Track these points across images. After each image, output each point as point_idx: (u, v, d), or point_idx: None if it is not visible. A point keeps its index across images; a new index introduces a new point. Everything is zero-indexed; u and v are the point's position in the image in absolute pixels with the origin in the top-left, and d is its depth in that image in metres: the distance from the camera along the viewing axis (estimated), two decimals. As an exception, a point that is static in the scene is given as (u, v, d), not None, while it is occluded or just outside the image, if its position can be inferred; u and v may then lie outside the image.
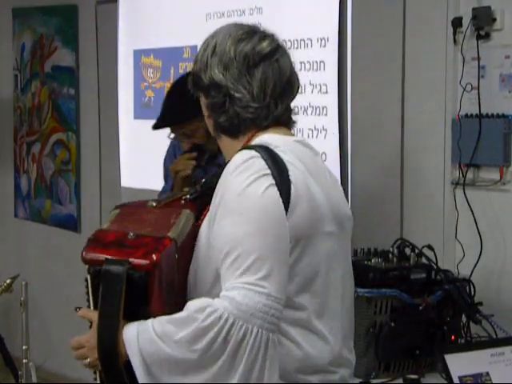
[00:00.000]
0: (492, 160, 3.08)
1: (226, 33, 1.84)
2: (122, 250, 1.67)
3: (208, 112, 1.87)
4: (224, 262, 1.65)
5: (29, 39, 5.49)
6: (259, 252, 1.62)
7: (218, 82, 1.80)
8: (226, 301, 1.59)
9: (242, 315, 1.57)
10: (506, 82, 3.05)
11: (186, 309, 1.63)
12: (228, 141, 1.86)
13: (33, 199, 5.57)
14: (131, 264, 1.64)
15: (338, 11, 3.41)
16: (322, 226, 1.76)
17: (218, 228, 1.69)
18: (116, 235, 1.72)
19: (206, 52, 1.85)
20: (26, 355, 3.30)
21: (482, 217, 3.10)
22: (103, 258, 1.66)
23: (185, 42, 4.21)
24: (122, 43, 4.60)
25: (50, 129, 5.37)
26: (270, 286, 1.61)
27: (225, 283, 1.63)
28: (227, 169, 1.73)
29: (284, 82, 1.83)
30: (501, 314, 2.93)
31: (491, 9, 3.04)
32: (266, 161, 1.70)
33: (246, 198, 1.66)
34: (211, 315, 1.58)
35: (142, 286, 1.64)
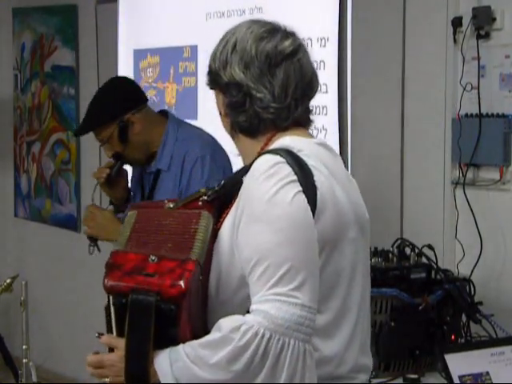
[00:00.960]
0: (492, 160, 3.08)
1: (247, 30, 1.79)
2: (148, 280, 1.57)
3: (226, 110, 1.83)
4: (253, 273, 1.59)
5: (29, 39, 5.49)
6: (291, 262, 1.57)
7: (239, 80, 1.76)
8: (260, 315, 1.54)
9: (278, 329, 1.53)
10: (505, 82, 3.05)
11: (219, 329, 1.57)
12: (246, 140, 1.82)
13: (33, 199, 5.57)
14: (159, 295, 1.55)
15: (338, 11, 3.41)
16: (347, 231, 1.72)
17: (243, 236, 1.64)
18: (136, 259, 1.61)
19: (225, 49, 1.81)
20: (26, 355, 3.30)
21: (481, 217, 3.10)
22: (128, 289, 1.57)
23: (185, 42, 4.21)
24: (121, 43, 4.60)
25: (49, 128, 5.37)
26: (304, 296, 1.56)
27: (255, 295, 1.58)
28: (252, 174, 1.67)
29: (305, 83, 1.78)
30: (501, 314, 2.93)
31: (491, 9, 3.04)
32: (291, 166, 1.64)
33: (274, 205, 1.60)
34: (247, 333, 1.53)
35: (170, 315, 1.56)
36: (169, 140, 2.89)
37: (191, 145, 2.88)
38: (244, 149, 1.84)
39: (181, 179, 2.85)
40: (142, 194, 3.01)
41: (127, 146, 2.88)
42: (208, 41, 4.20)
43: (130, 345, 1.58)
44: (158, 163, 2.90)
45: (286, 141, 1.74)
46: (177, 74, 4.29)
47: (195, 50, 4.16)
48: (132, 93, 2.94)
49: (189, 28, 4.19)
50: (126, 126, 2.84)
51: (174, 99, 4.34)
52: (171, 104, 4.35)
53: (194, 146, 2.88)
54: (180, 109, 4.31)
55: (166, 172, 2.90)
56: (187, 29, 4.20)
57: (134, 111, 2.86)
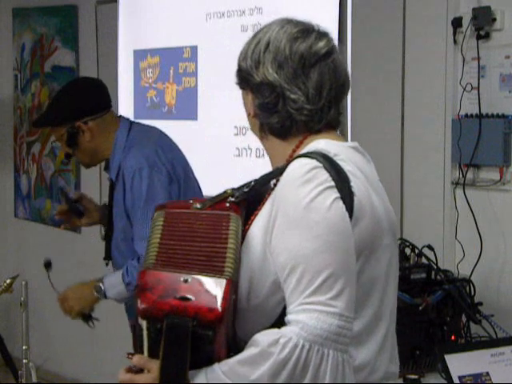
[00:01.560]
0: (492, 160, 3.08)
1: (280, 29, 1.75)
2: (183, 304, 1.51)
3: (256, 111, 1.78)
4: (289, 280, 1.55)
5: (29, 39, 5.49)
6: (330, 269, 1.53)
7: (272, 80, 1.71)
8: (298, 327, 1.50)
9: (317, 340, 1.50)
10: (506, 82, 3.05)
11: (256, 344, 1.52)
12: (276, 142, 1.77)
13: (33, 199, 5.57)
14: (195, 319, 1.50)
15: (337, 11, 3.41)
16: (382, 238, 1.69)
17: (279, 241, 1.59)
18: (167, 279, 1.54)
19: (257, 48, 1.76)
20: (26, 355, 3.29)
21: (482, 217, 3.10)
22: (163, 313, 1.51)
23: (185, 42, 4.22)
24: (121, 43, 4.60)
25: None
26: (342, 305, 1.53)
27: (291, 303, 1.54)
28: (287, 178, 1.62)
29: (339, 85, 1.74)
30: (501, 314, 2.93)
31: (491, 9, 3.04)
32: (329, 172, 1.60)
33: (312, 211, 1.56)
34: (286, 346, 1.49)
35: (207, 338, 1.52)
36: (117, 149, 2.86)
37: (131, 156, 2.81)
38: (273, 150, 1.80)
39: (125, 194, 2.82)
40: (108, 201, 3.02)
41: (76, 150, 2.87)
42: (208, 41, 4.24)
43: (166, 369, 1.53)
44: (110, 172, 2.89)
45: (320, 144, 1.70)
46: (177, 75, 4.29)
47: (195, 50, 4.16)
48: (91, 100, 2.86)
49: (189, 28, 4.19)
50: (76, 132, 2.82)
51: (173, 99, 4.34)
52: (171, 104, 4.35)
53: (132, 158, 2.80)
54: (180, 109, 4.31)
55: (116, 182, 2.88)
56: (187, 29, 4.20)
57: (87, 119, 2.82)
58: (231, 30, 3.93)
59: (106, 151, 2.88)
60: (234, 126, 3.97)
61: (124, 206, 2.83)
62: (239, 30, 3.90)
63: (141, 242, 2.75)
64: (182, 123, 4.28)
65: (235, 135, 3.97)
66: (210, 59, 4.11)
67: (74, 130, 2.82)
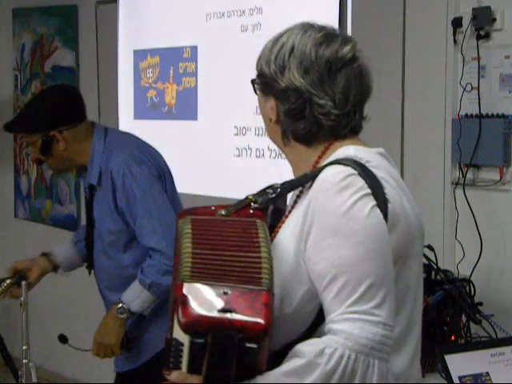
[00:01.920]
0: (492, 160, 3.08)
1: (304, 34, 1.70)
2: (227, 317, 1.47)
3: (280, 117, 1.73)
4: (329, 289, 1.53)
5: (29, 39, 5.49)
6: (372, 278, 1.51)
7: (299, 86, 1.67)
8: (342, 336, 1.48)
9: (362, 349, 1.48)
10: (506, 82, 3.05)
11: (299, 355, 1.50)
12: (301, 149, 1.74)
13: (33, 199, 5.57)
14: (242, 331, 1.46)
15: (337, 11, 3.42)
16: (415, 245, 1.68)
17: (316, 250, 1.56)
18: (207, 292, 1.50)
19: (281, 53, 1.70)
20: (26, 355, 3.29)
21: (482, 217, 3.10)
22: (208, 327, 1.46)
23: (185, 42, 4.22)
24: (121, 43, 4.61)
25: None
26: (384, 314, 1.50)
27: (332, 312, 1.52)
28: (322, 185, 1.59)
29: (364, 89, 1.73)
30: (501, 314, 2.93)
31: (491, 9, 3.04)
32: (364, 179, 1.58)
33: (352, 219, 1.54)
34: (333, 356, 1.47)
35: (251, 352, 1.48)
36: (96, 154, 2.86)
37: (114, 158, 2.83)
38: (296, 157, 1.76)
39: (115, 197, 2.82)
40: (86, 207, 3.01)
41: (49, 158, 2.87)
42: (208, 41, 4.24)
43: (210, 382, 1.48)
44: (88, 178, 2.89)
45: (349, 151, 1.67)
46: (177, 75, 4.29)
47: (195, 50, 4.16)
48: (67, 109, 2.86)
49: (189, 28, 4.19)
50: (51, 141, 2.81)
51: (173, 100, 4.34)
52: (171, 104, 4.35)
53: (117, 159, 2.82)
54: (180, 109, 4.31)
55: (98, 187, 2.88)
56: (187, 29, 4.20)
57: (62, 129, 2.82)
58: (231, 29, 3.94)
59: (79, 159, 2.88)
60: (234, 126, 3.97)
61: (115, 207, 2.83)
62: (239, 30, 3.90)
63: (153, 235, 2.77)
64: (182, 123, 4.29)
65: (235, 135, 3.97)
66: (210, 59, 4.11)
67: (49, 139, 2.81)
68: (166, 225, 2.78)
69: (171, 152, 4.32)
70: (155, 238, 2.77)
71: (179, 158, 4.28)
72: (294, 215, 1.66)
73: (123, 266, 2.91)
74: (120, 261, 2.91)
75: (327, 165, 1.63)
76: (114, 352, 2.89)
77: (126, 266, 2.91)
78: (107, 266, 2.95)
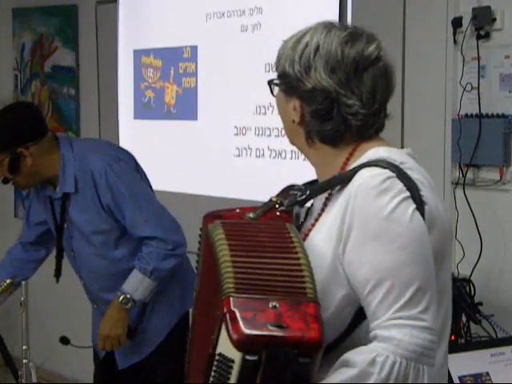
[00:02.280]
0: (492, 160, 3.08)
1: (328, 32, 1.66)
2: (281, 333, 1.42)
3: (306, 118, 1.68)
4: (373, 294, 1.50)
5: (29, 39, 5.49)
6: (418, 282, 1.49)
7: (326, 86, 1.63)
8: (392, 343, 1.46)
9: (412, 356, 1.46)
10: (506, 82, 3.05)
11: (350, 364, 1.47)
12: (326, 150, 1.70)
13: (33, 199, 5.57)
14: (297, 347, 1.42)
15: (337, 11, 3.42)
16: (448, 247, 1.66)
17: (357, 255, 1.53)
18: (255, 306, 1.45)
19: (305, 52, 1.66)
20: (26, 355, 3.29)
21: (482, 217, 3.10)
22: (263, 343, 1.41)
23: (185, 42, 4.22)
24: (121, 43, 4.61)
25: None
26: (430, 318, 1.49)
27: (378, 318, 1.49)
28: (361, 188, 1.56)
29: (390, 88, 1.70)
30: (501, 314, 2.93)
31: (491, 9, 3.04)
32: (402, 181, 1.55)
33: (394, 223, 1.51)
34: (385, 364, 1.45)
35: (305, 366, 1.45)
36: (67, 163, 2.88)
37: (92, 160, 2.88)
38: (322, 159, 1.72)
39: (99, 196, 2.86)
40: (54, 220, 3.02)
41: (17, 176, 2.88)
42: (208, 41, 4.23)
43: None
44: (62, 188, 2.90)
45: (381, 152, 1.64)
46: (177, 75, 4.29)
47: (195, 50, 4.16)
48: (30, 126, 2.87)
49: (189, 28, 4.19)
50: (18, 158, 2.82)
51: (173, 100, 4.34)
52: (171, 104, 4.35)
53: (96, 160, 2.88)
54: (180, 109, 4.31)
55: (74, 194, 2.90)
56: (187, 29, 4.20)
57: (29, 145, 2.83)
58: (231, 29, 3.93)
59: (47, 172, 2.90)
60: (234, 126, 3.97)
61: (102, 207, 2.87)
62: (239, 30, 3.90)
63: (146, 225, 2.85)
64: (181, 123, 4.29)
65: (235, 135, 3.97)
66: (210, 59, 4.11)
67: (16, 156, 2.82)
68: (155, 212, 2.89)
69: (171, 152, 4.33)
70: (149, 227, 2.85)
71: (179, 158, 4.28)
72: (327, 218, 1.63)
73: (117, 261, 2.96)
74: (113, 257, 2.95)
75: (361, 167, 1.60)
76: (121, 342, 2.93)
77: (119, 260, 2.95)
78: (102, 265, 2.99)
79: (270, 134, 3.80)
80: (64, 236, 3.02)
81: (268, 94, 1.86)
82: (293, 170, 3.69)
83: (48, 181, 2.94)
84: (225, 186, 4.01)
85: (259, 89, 3.83)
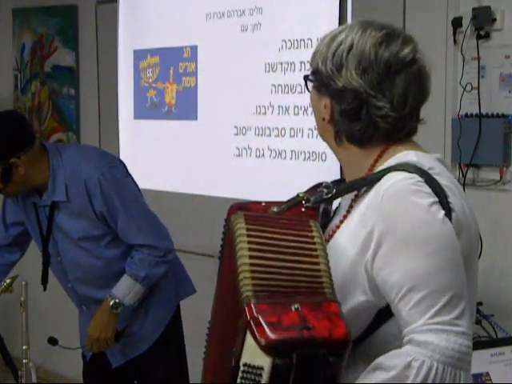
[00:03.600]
0: (492, 160, 3.08)
1: (364, 32, 1.63)
2: (308, 333, 1.40)
3: (336, 117, 1.66)
4: (406, 299, 1.48)
5: (29, 39, 5.49)
6: (453, 288, 1.48)
7: (357, 86, 1.61)
8: (429, 348, 1.44)
9: (450, 361, 1.44)
10: (506, 82, 3.05)
11: (387, 368, 1.46)
12: (354, 150, 1.67)
13: (33, 199, 5.57)
14: (326, 346, 1.40)
15: (337, 11, 3.42)
16: (475, 254, 1.65)
17: (387, 259, 1.51)
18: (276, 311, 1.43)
19: (339, 51, 1.64)
20: (26, 355, 3.30)
21: (481, 217, 3.09)
22: (293, 344, 1.40)
23: (185, 42, 4.22)
24: (121, 43, 4.61)
25: (49, 129, 5.36)
26: (466, 324, 1.47)
27: (412, 323, 1.47)
28: (388, 192, 1.54)
29: (423, 92, 1.66)
30: (501, 314, 2.93)
31: (491, 9, 3.04)
32: (431, 187, 1.54)
33: (426, 227, 1.50)
34: (422, 369, 1.43)
35: (334, 365, 1.43)
36: (56, 172, 2.88)
37: (84, 169, 2.89)
38: (350, 158, 1.70)
39: (93, 204, 2.87)
40: (39, 227, 3.01)
41: (8, 185, 2.87)
42: (208, 41, 4.23)
43: None
44: (52, 196, 2.90)
45: (411, 157, 1.62)
46: (177, 75, 4.29)
47: (195, 50, 4.16)
48: (20, 135, 2.86)
49: (189, 28, 4.19)
50: (10, 168, 2.82)
51: (173, 99, 4.34)
52: (171, 104, 4.35)
53: (88, 169, 2.88)
54: (180, 109, 4.31)
55: (64, 203, 2.90)
56: (187, 29, 4.20)
57: (20, 154, 2.82)
58: (231, 29, 3.94)
59: (37, 179, 2.90)
60: (234, 126, 3.97)
61: (95, 215, 2.88)
62: (239, 29, 3.90)
63: (138, 233, 2.88)
64: (181, 123, 4.29)
65: (235, 135, 3.97)
66: (210, 59, 4.11)
67: (7, 167, 2.82)
68: (147, 220, 2.92)
69: (171, 152, 4.33)
70: (141, 235, 2.88)
71: (179, 158, 4.28)
72: (353, 219, 1.62)
73: (110, 261, 2.97)
74: (106, 257, 2.97)
75: (388, 170, 1.58)
76: (109, 345, 2.97)
77: (111, 259, 2.97)
78: (95, 266, 3.00)
79: (270, 134, 3.80)
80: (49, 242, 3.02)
81: (268, 94, 1.86)
82: (293, 170, 3.69)
83: (34, 188, 2.93)
84: (225, 186, 4.01)
85: (259, 89, 3.85)
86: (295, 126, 3.67)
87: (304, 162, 3.65)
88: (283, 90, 3.63)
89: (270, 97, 3.67)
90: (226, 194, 3.92)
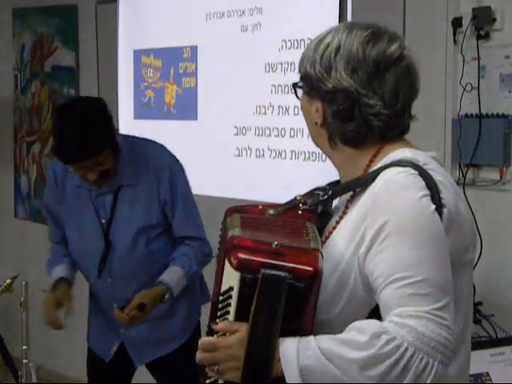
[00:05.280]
0: (492, 160, 3.09)
1: (349, 32, 1.64)
2: (277, 257, 1.47)
3: (328, 119, 1.67)
4: (391, 287, 1.49)
5: (29, 39, 5.49)
6: (437, 280, 1.48)
7: (347, 86, 1.61)
8: (404, 329, 1.44)
9: (423, 347, 1.43)
10: (505, 82, 3.05)
11: (361, 331, 1.46)
12: (348, 152, 1.67)
13: (33, 199, 5.57)
14: (293, 271, 1.45)
15: (337, 11, 3.42)
16: (468, 253, 1.64)
17: (378, 250, 1.52)
18: (259, 244, 1.50)
19: (326, 53, 1.64)
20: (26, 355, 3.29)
21: (481, 217, 3.09)
22: (260, 264, 1.46)
23: (185, 42, 4.22)
24: (121, 43, 4.61)
25: (50, 129, 5.36)
26: (449, 317, 1.47)
27: (394, 309, 1.48)
28: (383, 186, 1.56)
29: (413, 88, 1.68)
30: (501, 314, 2.93)
31: (491, 9, 3.04)
32: (425, 181, 1.55)
33: (415, 217, 1.51)
34: (389, 343, 1.43)
35: (298, 297, 1.47)
36: (125, 155, 2.87)
37: (157, 153, 2.92)
38: (345, 161, 1.70)
39: (159, 188, 2.87)
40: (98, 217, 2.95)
41: (116, 160, 2.85)
42: (208, 41, 4.23)
43: (257, 323, 1.47)
44: (120, 180, 2.87)
45: (406, 153, 1.64)
46: (177, 75, 4.30)
47: (195, 50, 4.16)
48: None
49: (189, 28, 4.19)
50: (116, 145, 2.83)
51: (173, 100, 4.34)
52: (171, 104, 4.35)
53: (160, 154, 2.93)
54: (180, 109, 4.31)
55: (130, 187, 2.89)
56: (187, 29, 4.21)
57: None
58: (231, 29, 3.94)
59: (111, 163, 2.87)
60: (234, 126, 3.97)
61: (158, 201, 2.89)
62: (239, 29, 3.90)
63: (194, 225, 2.96)
64: (181, 123, 4.29)
65: (235, 135, 3.97)
66: (210, 59, 4.11)
67: (114, 145, 2.82)
68: (199, 216, 3.00)
69: (171, 152, 4.33)
70: (196, 228, 2.96)
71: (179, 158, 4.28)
72: (349, 221, 1.62)
73: (156, 256, 2.94)
74: (152, 250, 2.94)
75: (384, 168, 1.59)
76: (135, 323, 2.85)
77: (157, 254, 2.94)
78: (141, 259, 2.94)
79: (270, 134, 3.80)
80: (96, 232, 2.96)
81: (268, 94, 1.86)
82: (293, 170, 3.70)
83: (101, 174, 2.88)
84: (225, 186, 4.01)
85: (259, 89, 3.85)
86: (295, 126, 3.67)
87: (304, 162, 3.65)
88: (283, 89, 3.63)
89: (270, 97, 3.67)
90: (225, 194, 3.92)
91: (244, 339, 1.48)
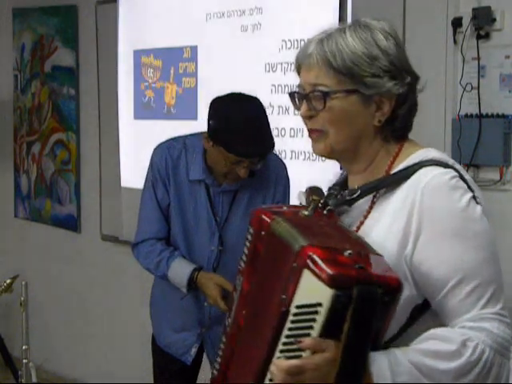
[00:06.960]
0: (492, 160, 3.09)
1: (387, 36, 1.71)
2: (363, 271, 1.41)
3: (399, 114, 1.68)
4: (455, 292, 1.52)
5: (29, 39, 5.50)
6: (497, 281, 1.54)
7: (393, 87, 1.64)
8: (483, 333, 1.49)
9: (499, 349, 1.49)
10: (506, 82, 3.05)
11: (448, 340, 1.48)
12: (381, 150, 1.68)
13: (33, 199, 5.57)
14: (381, 287, 1.41)
15: (337, 11, 3.42)
16: None
17: (432, 253, 1.53)
18: (334, 252, 1.44)
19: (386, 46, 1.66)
20: (26, 355, 3.29)
21: (481, 217, 3.10)
22: (354, 280, 1.39)
23: (185, 42, 4.22)
24: (122, 43, 4.61)
25: (49, 129, 5.37)
26: (508, 315, 1.53)
27: (464, 314, 1.51)
28: (427, 186, 1.56)
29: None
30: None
31: (491, 9, 3.04)
32: (464, 182, 1.58)
33: (469, 220, 1.55)
34: (476, 349, 1.47)
35: (383, 310, 1.43)
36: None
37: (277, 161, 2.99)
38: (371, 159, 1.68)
39: (275, 191, 2.94)
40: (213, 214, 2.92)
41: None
42: (208, 41, 4.23)
43: (351, 342, 1.41)
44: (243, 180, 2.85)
45: (433, 153, 1.68)
46: (177, 75, 4.29)
47: (195, 50, 4.16)
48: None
49: (189, 28, 4.19)
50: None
51: (173, 100, 4.34)
52: (171, 104, 4.35)
53: (282, 164, 3.01)
54: (180, 109, 4.31)
55: (250, 189, 2.91)
56: (187, 29, 4.20)
57: None
58: (231, 29, 3.93)
59: None
60: (234, 126, 3.97)
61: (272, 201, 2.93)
62: (239, 29, 3.90)
63: None
64: (181, 123, 4.28)
65: (235, 135, 3.97)
66: (210, 59, 4.11)
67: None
68: None
69: (171, 152, 4.32)
70: None
71: (179, 158, 4.28)
72: (384, 216, 1.61)
73: None
74: None
75: (419, 166, 1.60)
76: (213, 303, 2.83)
77: None
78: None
79: (270, 134, 3.79)
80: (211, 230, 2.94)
81: (268, 94, 1.85)
82: (292, 170, 3.69)
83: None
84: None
85: (259, 89, 3.84)
86: (295, 126, 3.67)
87: (304, 162, 3.65)
88: (283, 89, 3.63)
89: (270, 97, 3.66)
90: (225, 194, 3.92)
91: (333, 359, 1.43)
